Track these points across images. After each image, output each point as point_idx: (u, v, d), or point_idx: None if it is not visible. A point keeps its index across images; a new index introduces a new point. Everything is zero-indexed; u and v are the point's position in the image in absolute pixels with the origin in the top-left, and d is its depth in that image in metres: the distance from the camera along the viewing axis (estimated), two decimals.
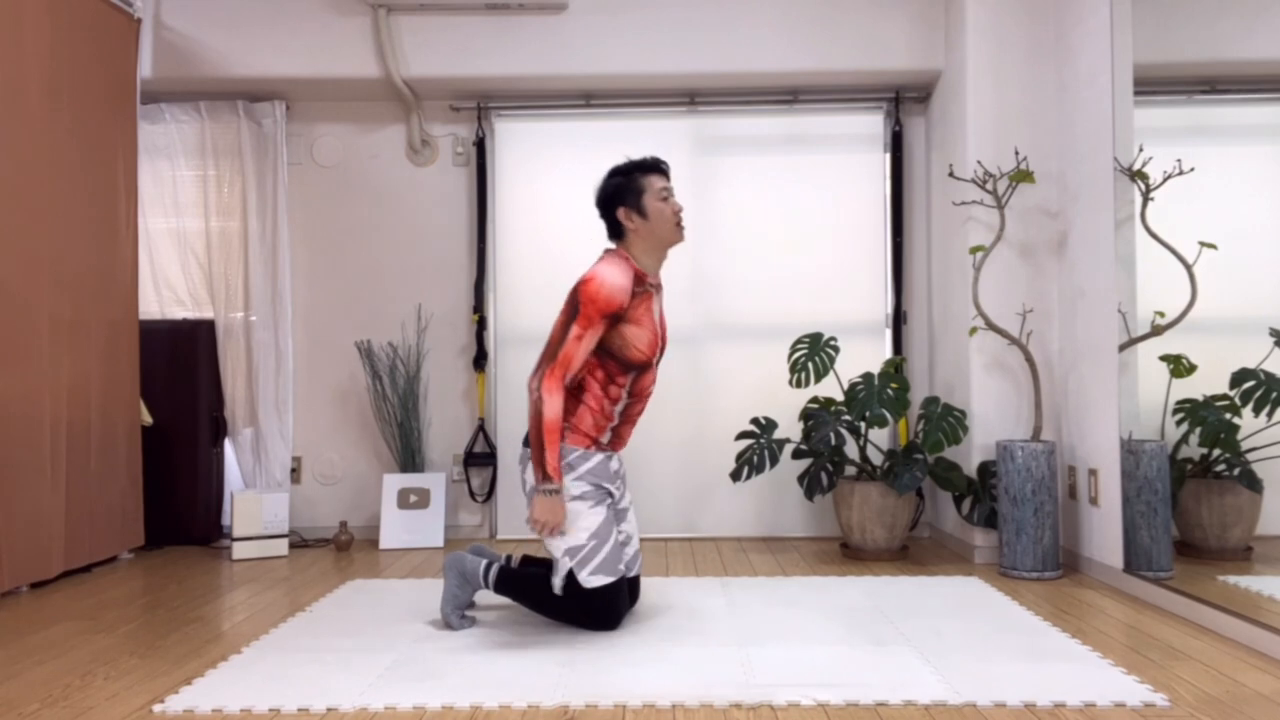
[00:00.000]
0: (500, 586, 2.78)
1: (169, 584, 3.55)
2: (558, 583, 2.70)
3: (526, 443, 2.73)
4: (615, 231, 2.78)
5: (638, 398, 2.76)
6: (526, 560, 2.99)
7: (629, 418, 2.79)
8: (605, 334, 2.64)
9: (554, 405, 2.56)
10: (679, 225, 2.76)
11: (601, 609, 2.70)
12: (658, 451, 4.48)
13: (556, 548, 2.70)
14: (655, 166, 2.78)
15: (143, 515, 4.08)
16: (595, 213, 4.46)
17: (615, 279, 2.62)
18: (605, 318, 2.59)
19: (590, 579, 2.67)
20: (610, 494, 2.78)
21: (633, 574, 2.86)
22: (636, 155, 4.42)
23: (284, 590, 3.42)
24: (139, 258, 4.21)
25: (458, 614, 2.81)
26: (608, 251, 2.77)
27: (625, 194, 2.74)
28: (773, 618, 2.92)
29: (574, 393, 2.70)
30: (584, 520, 2.68)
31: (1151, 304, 3.13)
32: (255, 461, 4.45)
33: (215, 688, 2.31)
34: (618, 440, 2.80)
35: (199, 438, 4.35)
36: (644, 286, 2.72)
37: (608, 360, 2.66)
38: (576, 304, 2.59)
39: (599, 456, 2.74)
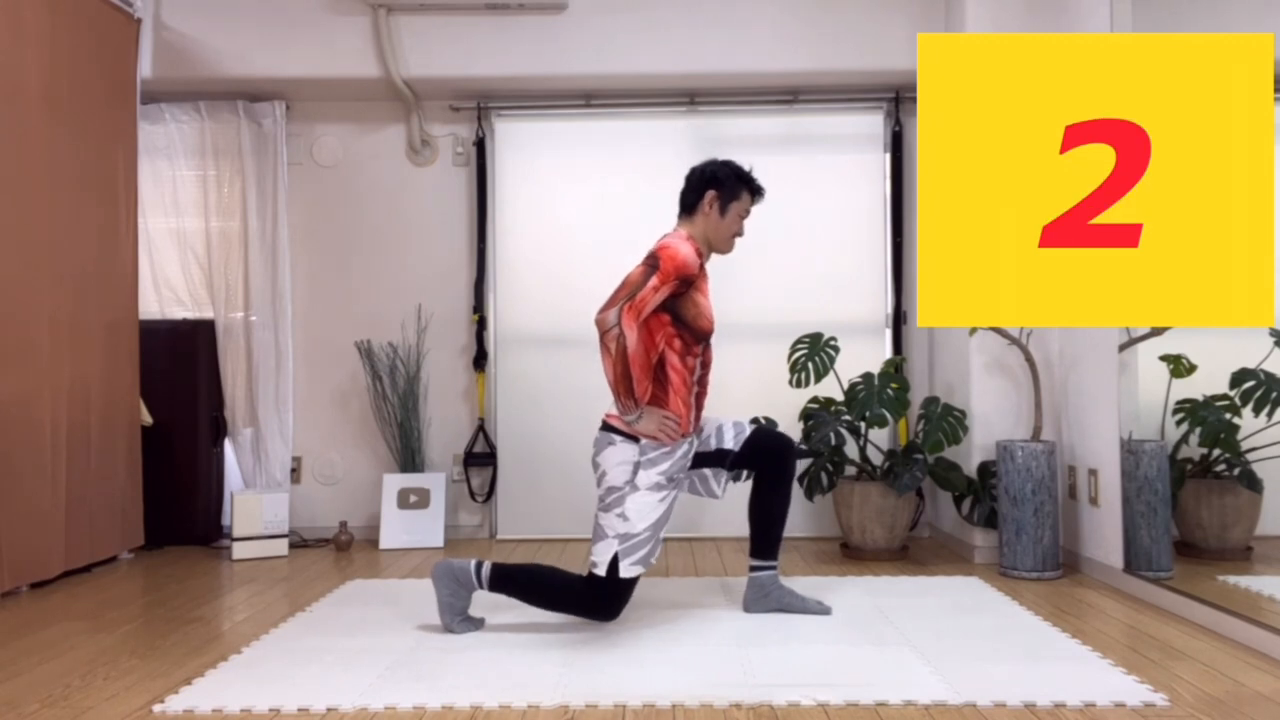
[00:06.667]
0: (496, 584, 2.76)
1: (169, 584, 3.55)
2: (600, 563, 2.71)
3: (605, 427, 2.83)
4: (689, 207, 2.95)
5: (706, 368, 2.93)
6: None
7: (703, 388, 2.92)
8: (681, 303, 2.80)
9: (633, 338, 2.70)
10: (733, 243, 2.98)
11: (616, 599, 2.75)
12: None
13: (612, 527, 2.73)
14: (758, 190, 2.98)
15: (143, 515, 4.08)
16: (598, 211, 4.51)
17: (686, 249, 2.80)
18: (679, 279, 2.76)
19: (630, 569, 2.71)
20: (680, 482, 2.88)
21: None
22: (637, 157, 4.46)
23: (284, 590, 3.42)
24: (139, 258, 4.20)
25: (459, 620, 2.80)
26: (674, 231, 2.93)
27: (724, 184, 2.91)
28: (773, 618, 2.92)
29: (657, 378, 2.82)
30: (651, 513, 2.75)
31: None
32: (255, 461, 4.45)
33: (215, 688, 2.31)
34: (698, 413, 2.91)
35: (199, 438, 4.35)
36: (702, 262, 2.91)
37: (684, 330, 2.82)
38: (657, 260, 2.75)
39: (683, 447, 2.83)
